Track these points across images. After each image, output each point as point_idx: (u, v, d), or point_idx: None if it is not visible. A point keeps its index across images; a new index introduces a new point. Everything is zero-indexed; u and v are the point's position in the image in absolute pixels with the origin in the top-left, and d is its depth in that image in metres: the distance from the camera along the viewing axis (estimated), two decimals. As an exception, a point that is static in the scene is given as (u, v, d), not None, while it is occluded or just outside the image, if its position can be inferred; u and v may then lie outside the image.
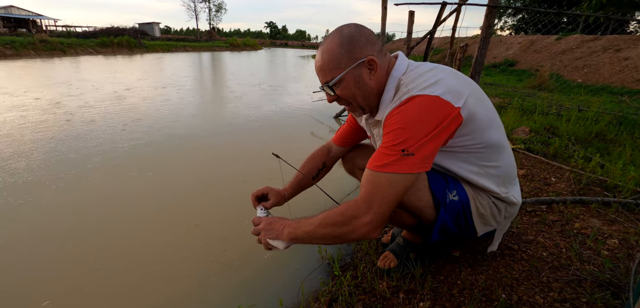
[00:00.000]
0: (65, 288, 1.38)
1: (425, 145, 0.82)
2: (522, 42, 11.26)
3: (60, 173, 2.40)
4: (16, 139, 3.13)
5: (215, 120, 4.26)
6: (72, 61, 12.43)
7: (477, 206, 1.02)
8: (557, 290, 1.09)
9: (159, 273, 1.48)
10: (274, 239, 0.97)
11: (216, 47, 28.60)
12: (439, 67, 0.95)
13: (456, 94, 0.87)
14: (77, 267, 1.49)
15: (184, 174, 2.54)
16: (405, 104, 0.84)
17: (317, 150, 1.44)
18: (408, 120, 0.82)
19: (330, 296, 1.24)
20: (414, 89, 0.86)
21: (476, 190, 1.02)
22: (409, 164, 0.82)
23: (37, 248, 1.61)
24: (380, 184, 0.83)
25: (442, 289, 1.14)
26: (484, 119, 0.95)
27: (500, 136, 1.01)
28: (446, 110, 0.84)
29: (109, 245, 1.65)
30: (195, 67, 12.42)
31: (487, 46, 3.11)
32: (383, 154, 0.84)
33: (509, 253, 1.29)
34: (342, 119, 4.52)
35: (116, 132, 3.49)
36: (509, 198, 1.03)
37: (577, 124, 2.99)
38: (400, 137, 0.82)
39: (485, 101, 0.99)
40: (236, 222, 1.89)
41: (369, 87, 0.95)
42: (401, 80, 0.93)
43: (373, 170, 0.85)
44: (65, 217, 1.89)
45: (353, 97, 0.95)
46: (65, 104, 4.79)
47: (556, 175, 2.01)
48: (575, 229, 1.42)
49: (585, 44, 8.90)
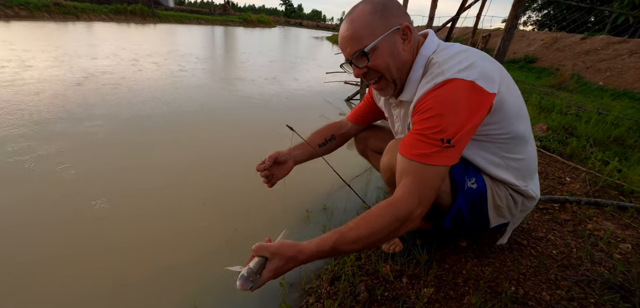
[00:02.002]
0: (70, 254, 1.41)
1: (463, 136, 0.79)
2: (545, 39, 10.83)
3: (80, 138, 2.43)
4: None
5: (224, 97, 4.24)
6: (87, 26, 12.47)
7: (494, 196, 0.99)
8: (565, 289, 1.07)
9: (165, 244, 1.50)
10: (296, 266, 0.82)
11: (230, 22, 28.28)
12: (470, 49, 0.90)
13: (490, 79, 0.83)
14: (86, 236, 1.52)
15: (191, 150, 2.55)
16: (442, 87, 0.80)
17: (328, 124, 1.42)
18: (446, 107, 0.78)
19: (333, 275, 1.24)
20: (449, 70, 0.81)
21: (494, 180, 0.99)
22: (450, 156, 0.80)
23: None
24: (427, 177, 0.80)
25: (446, 277, 1.13)
26: (514, 108, 0.91)
27: (526, 128, 0.97)
28: (481, 97, 0.80)
29: (116, 215, 1.67)
30: (208, 41, 12.34)
31: (511, 37, 3.00)
32: (421, 141, 0.80)
33: (517, 248, 1.27)
34: (353, 102, 4.46)
35: (128, 105, 3.51)
36: (527, 192, 1.00)
37: (596, 127, 2.89)
38: (439, 125, 0.78)
39: (515, 89, 0.94)
40: (243, 199, 1.89)
41: (402, 58, 0.90)
42: (432, 59, 0.88)
43: (415, 160, 0.80)
44: (83, 187, 1.92)
45: (387, 67, 0.90)
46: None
47: (571, 175, 1.95)
48: (587, 230, 1.38)
49: (611, 46, 8.52)
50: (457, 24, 3.92)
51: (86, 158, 2.11)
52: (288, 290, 1.23)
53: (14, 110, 2.75)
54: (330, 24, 77.65)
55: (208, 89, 4.42)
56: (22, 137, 2.27)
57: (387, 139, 1.43)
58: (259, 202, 1.83)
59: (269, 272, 0.75)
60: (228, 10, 35.26)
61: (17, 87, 3.42)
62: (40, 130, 2.44)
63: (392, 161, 0.96)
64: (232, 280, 1.28)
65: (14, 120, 2.56)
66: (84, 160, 2.09)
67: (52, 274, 1.26)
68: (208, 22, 25.07)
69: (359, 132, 1.46)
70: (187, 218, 1.65)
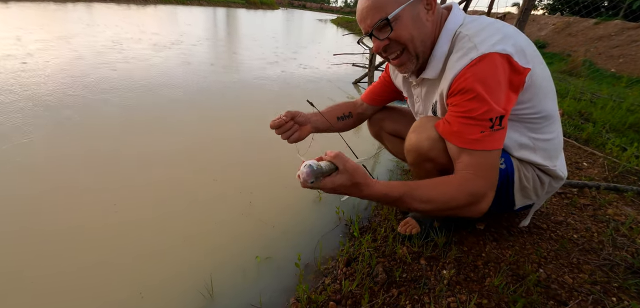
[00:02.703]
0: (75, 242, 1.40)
1: (508, 114, 0.78)
2: (557, 24, 10.56)
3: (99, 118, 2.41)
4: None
5: (228, 80, 4.19)
6: (87, 7, 12.30)
7: (521, 178, 0.96)
8: (588, 272, 1.05)
9: (177, 221, 1.50)
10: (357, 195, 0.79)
11: (232, 3, 27.80)
12: (498, 21, 0.85)
13: (523, 53, 0.79)
14: (98, 212, 1.51)
15: (197, 132, 2.53)
16: (479, 63, 0.76)
17: (344, 101, 1.38)
18: (488, 85, 0.75)
19: (348, 256, 1.23)
20: (482, 44, 0.77)
21: (522, 161, 0.96)
22: (502, 137, 0.79)
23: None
24: (495, 160, 0.80)
25: (466, 260, 1.11)
26: (545, 85, 0.87)
27: (554, 105, 0.93)
28: (517, 72, 0.77)
29: (126, 195, 1.66)
30: (210, 23, 12.16)
31: (527, 19, 2.90)
32: (469, 124, 0.78)
33: (536, 232, 1.24)
34: (360, 85, 4.39)
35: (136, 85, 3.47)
36: (555, 172, 0.97)
37: (612, 113, 2.83)
38: (485, 105, 0.75)
39: (545, 65, 0.90)
40: (252, 180, 1.88)
41: (427, 29, 0.86)
42: (459, 33, 0.84)
43: (471, 148, 0.79)
44: (88, 170, 1.91)
45: (410, 39, 0.85)
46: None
47: (588, 160, 1.91)
48: (607, 215, 1.35)
49: (625, 32, 8.29)
50: (470, 6, 3.79)
51: (94, 139, 2.10)
52: (304, 270, 1.22)
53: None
54: (335, 7, 76.18)
55: (211, 72, 4.36)
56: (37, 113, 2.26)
57: (403, 121, 1.39)
58: (269, 182, 1.82)
59: (332, 183, 0.72)
60: (231, -9, 34.53)
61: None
62: (44, 110, 2.42)
63: (422, 141, 0.92)
64: (247, 255, 1.29)
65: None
66: (94, 138, 2.08)
67: (72, 244, 1.26)
68: (210, 3, 24.62)
69: (374, 112, 1.42)
70: (200, 194, 1.64)
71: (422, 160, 0.95)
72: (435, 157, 0.91)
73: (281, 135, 1.13)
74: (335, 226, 1.50)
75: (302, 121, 1.16)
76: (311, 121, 1.20)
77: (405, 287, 1.04)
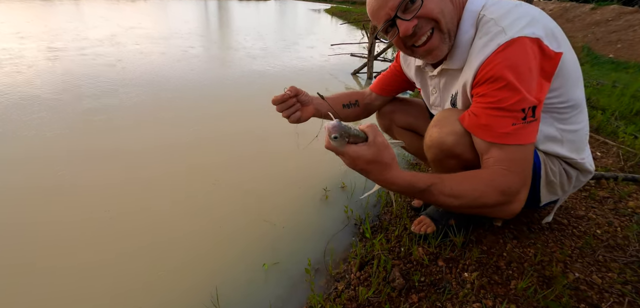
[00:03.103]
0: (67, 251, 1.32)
1: (541, 104, 0.71)
2: (554, 9, 10.47)
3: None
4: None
5: (223, 74, 4.07)
6: (74, 2, 11.96)
7: (548, 171, 0.89)
8: (616, 271, 0.99)
9: (178, 233, 1.42)
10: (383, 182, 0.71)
11: (224, -5, 27.32)
12: (523, 3, 0.77)
13: (554, 37, 0.72)
14: (92, 226, 1.43)
15: (192, 130, 2.43)
16: (508, 48, 0.69)
17: (351, 90, 1.30)
18: (519, 72, 0.67)
19: (361, 259, 1.16)
20: (510, 28, 0.69)
21: (548, 154, 0.89)
22: (535, 130, 0.72)
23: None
24: (529, 155, 0.74)
25: (487, 260, 1.05)
26: (573, 71, 0.80)
27: (582, 93, 0.86)
28: (549, 57, 0.70)
29: (122, 203, 1.57)
30: (201, 16, 11.91)
31: (532, 2, 2.82)
32: (500, 116, 0.70)
33: (558, 228, 1.19)
34: (359, 76, 4.30)
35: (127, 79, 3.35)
36: (583, 165, 0.90)
37: (619, 100, 2.77)
38: (517, 94, 0.68)
39: (572, 49, 0.82)
40: (254, 178, 1.80)
41: (451, 6, 0.78)
42: (483, 16, 0.76)
43: (502, 143, 0.72)
44: (77, 172, 1.81)
45: (441, 12, 0.77)
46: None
47: (601, 149, 1.86)
48: (629, 208, 1.30)
49: (622, 17, 8.23)
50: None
51: (87, 142, 2.00)
52: (315, 275, 1.15)
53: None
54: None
55: (206, 66, 4.24)
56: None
57: (415, 113, 1.31)
58: (271, 180, 1.74)
59: (356, 152, 0.65)
60: (222, -17, 33.84)
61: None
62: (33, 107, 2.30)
63: (445, 136, 0.84)
64: (255, 262, 1.21)
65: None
66: (88, 142, 1.97)
67: (70, 252, 1.18)
68: (202, -5, 24.11)
69: (383, 104, 1.34)
70: (200, 198, 1.55)
71: (445, 157, 0.87)
72: (461, 153, 0.84)
73: (282, 113, 1.03)
74: (345, 226, 1.43)
75: (305, 101, 1.07)
76: (314, 103, 1.11)
77: (425, 292, 0.98)
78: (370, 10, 0.84)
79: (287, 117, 1.05)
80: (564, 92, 0.80)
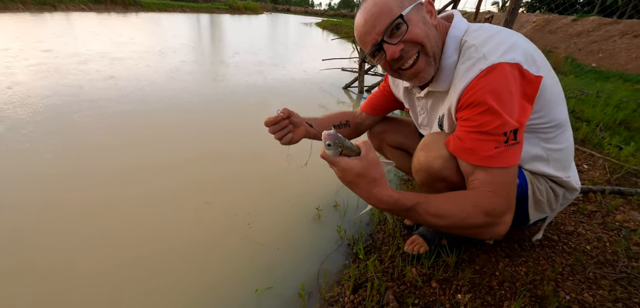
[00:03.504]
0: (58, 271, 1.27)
1: (523, 127, 0.72)
2: (537, 21, 10.84)
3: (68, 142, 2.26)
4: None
5: (213, 88, 4.07)
6: (65, 16, 11.88)
7: (535, 191, 0.90)
8: (607, 288, 1.00)
9: (167, 257, 1.38)
10: (373, 197, 0.71)
11: (216, 9, 27.47)
12: (503, 29, 0.80)
13: (534, 61, 0.75)
14: (75, 250, 1.38)
15: (187, 147, 2.40)
16: (489, 74, 0.71)
17: (341, 111, 1.31)
18: (500, 97, 0.69)
19: (355, 281, 1.15)
20: (490, 54, 0.72)
21: (534, 174, 0.90)
22: (518, 152, 0.73)
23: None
24: (512, 178, 0.74)
25: (480, 281, 1.05)
26: (555, 92, 0.83)
27: (565, 112, 0.89)
28: (530, 82, 0.72)
29: (110, 225, 1.53)
30: (194, 30, 11.94)
31: (515, 19, 2.90)
32: (482, 140, 0.72)
33: (548, 245, 1.20)
34: (351, 90, 4.34)
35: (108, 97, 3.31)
36: (569, 183, 0.92)
37: (603, 110, 2.85)
38: (497, 119, 0.69)
39: (553, 71, 0.85)
40: (246, 197, 1.78)
41: (435, 31, 0.81)
42: (465, 42, 0.78)
43: (486, 166, 0.73)
44: (57, 194, 1.77)
45: (427, 36, 0.79)
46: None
47: (588, 162, 1.90)
48: (617, 222, 1.32)
49: (602, 27, 8.56)
50: (458, 7, 3.79)
51: (78, 154, 1.95)
52: (307, 300, 1.14)
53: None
54: (319, 10, 76.37)
55: (198, 82, 4.23)
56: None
57: (405, 133, 1.33)
58: (263, 199, 1.72)
59: (347, 164, 0.68)
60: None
61: None
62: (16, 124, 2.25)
63: (432, 160, 0.85)
64: (247, 287, 1.18)
65: None
66: (78, 157, 1.93)
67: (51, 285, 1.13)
68: (193, 9, 24.26)
69: (374, 123, 1.35)
70: (191, 220, 1.52)
71: (433, 180, 0.88)
72: (448, 177, 0.85)
73: (274, 134, 1.03)
74: (338, 246, 1.42)
75: (297, 122, 1.06)
76: (305, 124, 1.11)
77: (419, 316, 0.97)
78: (358, 34, 0.85)
79: (279, 139, 1.05)
80: (546, 113, 0.82)
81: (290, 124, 1.05)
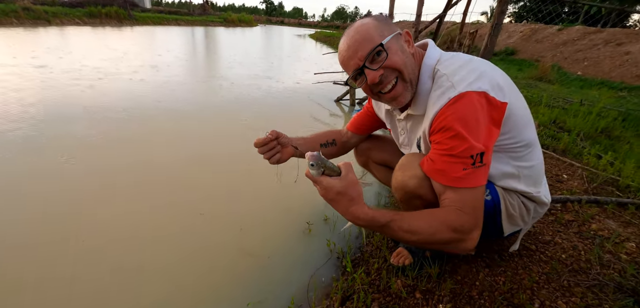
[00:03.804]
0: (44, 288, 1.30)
1: (489, 150, 0.79)
2: (524, 31, 11.15)
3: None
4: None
5: (208, 101, 4.12)
6: (59, 30, 11.91)
7: (508, 206, 0.97)
8: (579, 295, 1.06)
9: (159, 275, 1.41)
10: (354, 214, 0.78)
11: (210, 22, 27.70)
12: (474, 58, 0.88)
13: (500, 88, 0.81)
14: (68, 263, 1.41)
15: (180, 158, 2.44)
16: (457, 102, 0.77)
17: (328, 129, 1.37)
18: (467, 123, 0.76)
19: (343, 293, 1.19)
20: (459, 83, 0.79)
21: (507, 190, 0.97)
22: (485, 174, 0.79)
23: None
24: (479, 197, 0.80)
25: (461, 291, 1.10)
26: (522, 114, 0.90)
27: (533, 132, 0.96)
28: (496, 108, 0.78)
29: (104, 241, 1.56)
30: (189, 43, 12.03)
31: (498, 33, 3.03)
32: (451, 162, 0.78)
33: (526, 254, 1.26)
34: (343, 103, 4.42)
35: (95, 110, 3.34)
36: (540, 198, 0.99)
37: (584, 119, 2.96)
38: (464, 143, 0.76)
39: (520, 95, 0.93)
40: (239, 211, 1.82)
41: (412, 59, 0.88)
42: (438, 70, 0.86)
43: (455, 186, 0.79)
44: (42, 209, 1.79)
45: (404, 64, 0.86)
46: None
47: (568, 172, 1.97)
48: (592, 230, 1.39)
49: (587, 36, 8.84)
50: (444, 19, 3.92)
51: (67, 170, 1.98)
52: (297, 314, 1.18)
53: None
54: (312, 22, 77.41)
55: (190, 93, 4.28)
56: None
57: (390, 150, 1.39)
58: (257, 212, 1.76)
59: (328, 183, 0.75)
60: (207, 10, 34.39)
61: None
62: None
63: (407, 179, 0.92)
64: (238, 301, 1.22)
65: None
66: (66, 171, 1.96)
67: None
68: (187, 23, 24.44)
69: (359, 142, 1.42)
70: (184, 233, 1.56)
71: (410, 198, 0.95)
72: (423, 195, 0.91)
73: (263, 155, 1.10)
74: (328, 259, 1.46)
75: (285, 142, 1.13)
76: (293, 143, 1.18)
77: (403, 327, 1.02)
78: (341, 59, 0.92)
79: (268, 159, 1.11)
80: (515, 134, 0.89)
81: (278, 144, 1.11)
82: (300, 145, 1.21)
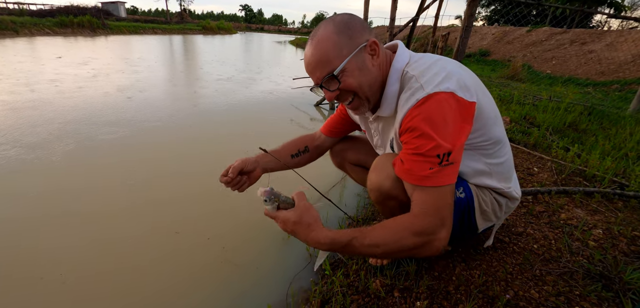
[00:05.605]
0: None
1: (458, 150, 0.78)
2: (496, 33, 11.62)
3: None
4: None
5: (187, 109, 4.03)
6: (28, 41, 11.37)
7: (480, 202, 0.98)
8: (551, 284, 1.08)
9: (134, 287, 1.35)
10: (314, 240, 0.78)
11: (188, 30, 27.27)
12: (442, 58, 0.88)
13: (467, 88, 0.82)
14: (41, 287, 1.32)
15: (156, 174, 2.36)
16: (425, 103, 0.77)
17: (301, 135, 1.35)
18: (434, 123, 0.76)
19: (322, 297, 1.17)
20: (427, 84, 0.79)
21: (479, 187, 0.98)
22: (453, 173, 0.78)
23: None
24: (445, 196, 0.78)
25: (438, 286, 1.11)
26: (491, 113, 0.91)
27: (502, 130, 0.97)
28: (464, 107, 0.79)
29: (79, 244, 1.48)
30: (166, 50, 11.76)
31: (469, 35, 3.12)
32: (419, 161, 0.77)
33: (500, 247, 1.28)
34: (322, 107, 4.43)
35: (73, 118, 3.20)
36: (510, 193, 1.01)
37: (553, 114, 3.09)
38: (432, 142, 0.75)
39: (488, 93, 0.94)
40: (216, 223, 1.77)
41: (373, 74, 0.87)
42: (407, 72, 0.86)
43: (423, 185, 0.78)
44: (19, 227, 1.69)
45: (359, 86, 0.86)
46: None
47: (538, 165, 2.04)
48: (561, 220, 1.43)
49: (553, 37, 9.31)
50: (417, 23, 4.02)
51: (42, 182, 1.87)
52: (275, 320, 1.14)
53: None
54: (292, 28, 77.70)
55: (167, 102, 4.16)
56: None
57: (365, 151, 1.39)
58: (232, 222, 1.72)
59: (285, 216, 0.78)
60: (185, 18, 33.88)
61: None
62: None
63: (381, 180, 0.91)
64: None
65: None
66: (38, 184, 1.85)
67: None
68: (165, 31, 23.98)
69: (333, 144, 1.41)
70: (162, 249, 1.50)
71: (385, 199, 0.94)
72: (397, 195, 0.91)
73: (231, 188, 1.13)
74: (307, 264, 1.44)
75: (251, 168, 1.15)
76: (260, 164, 1.18)
77: (381, 327, 1.00)
78: (305, 68, 0.92)
79: (237, 190, 1.14)
80: (485, 132, 0.90)
81: (243, 176, 1.13)
82: (269, 161, 1.21)
